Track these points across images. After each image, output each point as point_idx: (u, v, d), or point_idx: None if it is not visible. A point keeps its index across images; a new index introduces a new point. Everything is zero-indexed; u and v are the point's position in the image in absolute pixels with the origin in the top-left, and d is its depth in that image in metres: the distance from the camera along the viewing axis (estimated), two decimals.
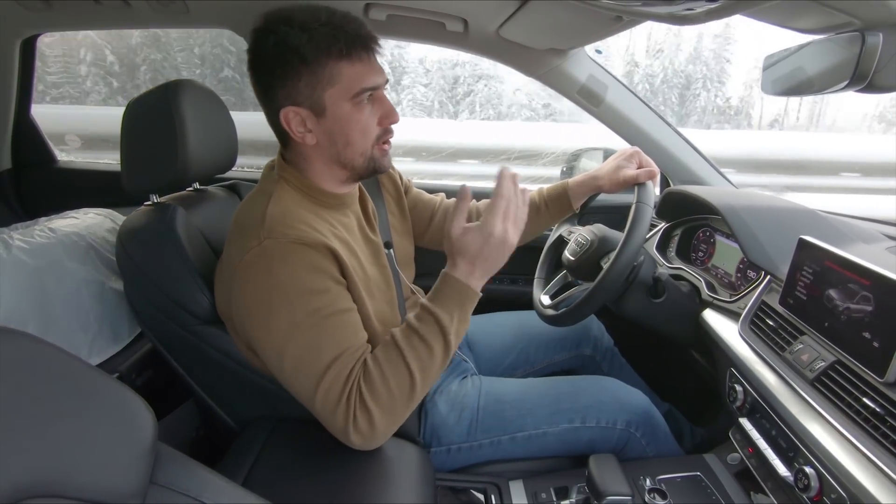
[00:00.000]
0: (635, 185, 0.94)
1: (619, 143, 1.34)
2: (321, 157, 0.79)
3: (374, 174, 0.82)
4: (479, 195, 1.17)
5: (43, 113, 1.56)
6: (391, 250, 0.93)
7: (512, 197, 0.75)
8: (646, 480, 0.82)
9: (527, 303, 1.16)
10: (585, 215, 1.16)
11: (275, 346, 0.70)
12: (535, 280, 1.16)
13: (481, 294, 0.75)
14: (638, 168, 0.98)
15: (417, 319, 0.73)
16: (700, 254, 1.16)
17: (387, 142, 0.80)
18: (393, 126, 0.80)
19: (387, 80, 0.79)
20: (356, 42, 0.73)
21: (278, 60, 0.73)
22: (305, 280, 0.70)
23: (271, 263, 0.69)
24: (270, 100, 0.76)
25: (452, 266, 0.75)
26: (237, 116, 1.01)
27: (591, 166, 1.44)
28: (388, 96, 0.80)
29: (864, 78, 0.67)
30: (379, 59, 0.78)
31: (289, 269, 0.69)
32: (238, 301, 0.73)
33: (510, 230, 0.74)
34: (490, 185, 1.88)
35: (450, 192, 1.16)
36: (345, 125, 0.75)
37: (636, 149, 1.01)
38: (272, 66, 0.74)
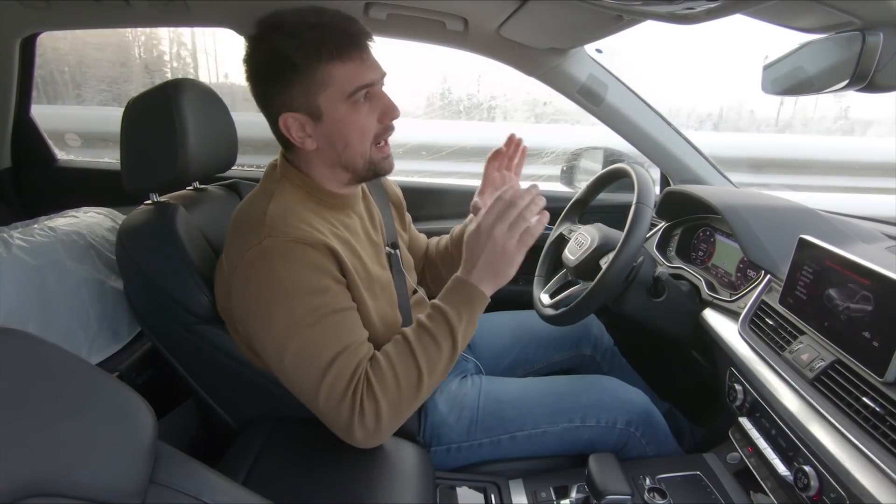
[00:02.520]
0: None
1: (620, 143, 1.34)
2: (323, 161, 0.79)
3: (374, 177, 0.82)
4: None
5: (43, 112, 1.56)
6: (397, 251, 0.93)
7: (517, 201, 0.73)
8: (645, 480, 0.82)
9: (527, 302, 1.16)
10: (586, 214, 1.16)
11: (275, 343, 0.70)
12: (536, 278, 1.16)
13: (489, 300, 0.76)
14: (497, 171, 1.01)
15: (428, 318, 0.75)
16: (700, 253, 1.16)
17: (385, 141, 0.80)
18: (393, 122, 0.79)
19: (384, 75, 0.77)
20: (346, 41, 0.72)
21: (270, 68, 0.73)
22: (305, 279, 0.70)
23: (272, 262, 0.69)
24: (268, 107, 0.76)
25: (462, 267, 0.77)
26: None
27: (591, 166, 1.44)
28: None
29: (864, 77, 0.67)
30: (375, 54, 0.76)
31: (289, 267, 0.69)
32: (238, 299, 0.73)
33: (512, 240, 0.73)
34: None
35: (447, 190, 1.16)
36: (342, 127, 0.75)
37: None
38: (265, 74, 0.74)
